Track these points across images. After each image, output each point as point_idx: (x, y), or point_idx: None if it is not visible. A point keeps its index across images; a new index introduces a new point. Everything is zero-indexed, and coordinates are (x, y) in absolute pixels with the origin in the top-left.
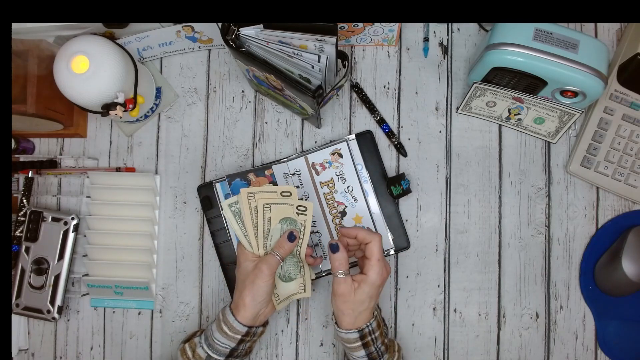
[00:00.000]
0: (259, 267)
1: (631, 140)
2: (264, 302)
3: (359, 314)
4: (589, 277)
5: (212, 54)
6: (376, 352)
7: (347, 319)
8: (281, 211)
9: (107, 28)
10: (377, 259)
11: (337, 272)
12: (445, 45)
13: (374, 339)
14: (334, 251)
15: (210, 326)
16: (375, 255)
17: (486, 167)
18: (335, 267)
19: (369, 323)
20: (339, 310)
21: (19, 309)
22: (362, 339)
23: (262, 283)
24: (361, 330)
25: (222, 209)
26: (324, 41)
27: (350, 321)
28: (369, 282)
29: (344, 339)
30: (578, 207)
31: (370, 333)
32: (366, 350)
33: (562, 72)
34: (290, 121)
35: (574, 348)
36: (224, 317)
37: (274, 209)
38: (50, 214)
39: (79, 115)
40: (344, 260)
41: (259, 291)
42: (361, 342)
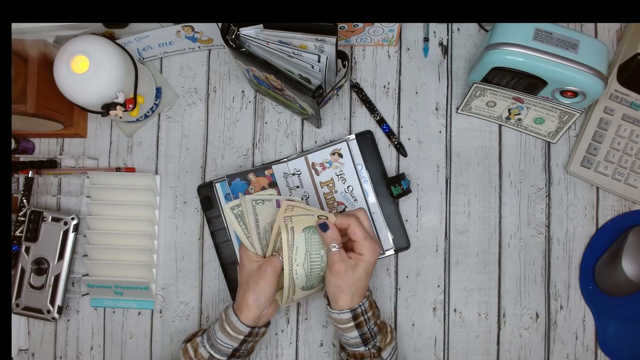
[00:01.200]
0: (263, 269)
1: (631, 140)
2: (267, 302)
3: (356, 290)
4: (589, 277)
5: (212, 54)
6: (369, 332)
7: (344, 296)
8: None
9: (107, 28)
10: (363, 237)
11: (331, 246)
12: (445, 45)
13: (367, 319)
14: (325, 229)
15: (213, 326)
16: (359, 234)
17: (486, 167)
18: (328, 243)
19: (362, 303)
20: (337, 287)
21: (19, 309)
22: (354, 319)
23: (265, 284)
24: (354, 310)
25: (224, 212)
26: (324, 41)
27: (347, 299)
28: (364, 260)
29: (337, 319)
30: (578, 207)
31: (363, 313)
32: (359, 330)
33: (562, 72)
34: (290, 121)
35: (574, 348)
36: (227, 317)
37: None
38: (50, 214)
39: (79, 115)
40: (336, 235)
41: (263, 292)
42: (354, 323)
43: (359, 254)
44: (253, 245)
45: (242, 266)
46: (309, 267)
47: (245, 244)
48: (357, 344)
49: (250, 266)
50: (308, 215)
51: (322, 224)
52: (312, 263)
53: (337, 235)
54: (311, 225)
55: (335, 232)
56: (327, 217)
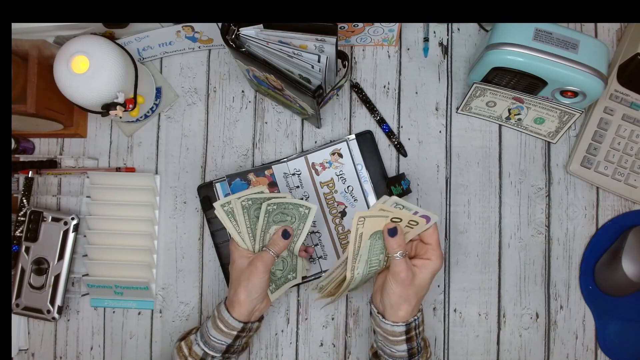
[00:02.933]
0: (254, 264)
1: (631, 140)
2: (259, 298)
3: (418, 300)
4: (589, 277)
5: (212, 54)
6: (417, 347)
7: (406, 306)
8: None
9: (107, 28)
10: (438, 242)
11: (398, 253)
12: (445, 45)
13: (418, 333)
14: (393, 235)
15: (206, 323)
16: (436, 238)
17: (486, 167)
18: (393, 249)
19: (417, 317)
20: (400, 297)
21: (19, 309)
22: (407, 332)
23: (257, 280)
24: (409, 324)
25: (215, 210)
26: (324, 41)
27: (409, 309)
28: (431, 267)
29: (389, 331)
30: (578, 207)
31: (416, 327)
32: (408, 345)
33: (562, 72)
34: (290, 121)
35: (574, 348)
36: (219, 313)
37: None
38: (50, 214)
39: (79, 115)
40: (402, 242)
41: (254, 288)
42: (406, 337)
43: (426, 259)
44: (244, 241)
45: (232, 262)
46: (367, 273)
47: (236, 239)
48: (402, 357)
49: (241, 262)
50: (382, 217)
51: (392, 229)
52: (371, 268)
53: (403, 242)
54: (378, 230)
55: (402, 238)
56: (400, 219)
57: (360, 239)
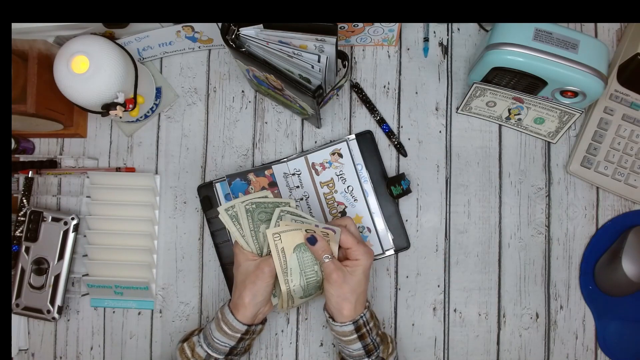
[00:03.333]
0: (261, 269)
1: (631, 140)
2: (264, 302)
3: (357, 296)
4: (589, 277)
5: (212, 54)
6: (372, 343)
7: (347, 305)
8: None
9: (107, 28)
10: (356, 243)
11: (323, 258)
12: (445, 45)
13: (369, 329)
14: (313, 243)
15: (209, 325)
16: (350, 241)
17: (486, 167)
18: (319, 255)
19: (363, 313)
20: (338, 297)
21: (19, 309)
22: (357, 330)
23: (262, 284)
24: (356, 321)
25: (219, 214)
26: (324, 41)
27: (351, 307)
28: (361, 264)
29: (340, 332)
30: (578, 207)
31: (365, 324)
32: (362, 342)
33: (562, 72)
34: (290, 121)
35: (574, 348)
36: (223, 316)
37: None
38: (50, 214)
39: (79, 115)
40: (325, 246)
41: (259, 292)
42: (357, 334)
43: (354, 260)
44: (248, 244)
45: (237, 264)
46: (305, 283)
47: (240, 243)
48: (360, 355)
49: (247, 265)
50: (296, 230)
51: (310, 238)
52: (308, 279)
53: (326, 246)
54: (300, 243)
55: (324, 243)
56: (314, 230)
57: (283, 254)
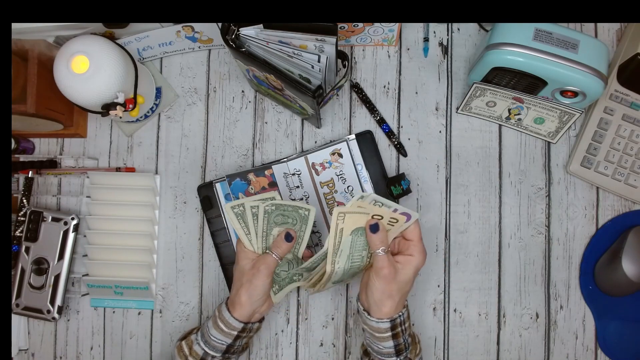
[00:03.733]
0: (257, 267)
1: (631, 140)
2: (261, 300)
3: (401, 296)
4: (589, 277)
5: (212, 54)
6: (404, 343)
7: (390, 302)
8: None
9: (107, 28)
10: (420, 238)
11: (380, 249)
12: (445, 45)
13: (404, 329)
14: (374, 231)
15: (207, 323)
16: (418, 235)
17: (486, 167)
18: (376, 246)
19: (402, 312)
20: (383, 293)
21: (19, 309)
22: (392, 329)
23: (259, 282)
24: (393, 320)
25: (224, 211)
26: (324, 41)
27: (393, 305)
28: (414, 263)
29: (374, 328)
30: (578, 207)
31: (401, 323)
32: (395, 341)
33: (562, 72)
34: (290, 121)
35: (574, 348)
36: (220, 313)
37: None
38: (50, 214)
39: (79, 115)
40: (384, 238)
41: (256, 290)
42: (391, 333)
43: (409, 255)
44: (252, 243)
45: (237, 262)
46: (350, 266)
47: (244, 241)
48: (389, 354)
49: (245, 263)
50: (362, 214)
51: (374, 225)
52: (353, 263)
53: (386, 239)
54: (360, 227)
55: (384, 234)
56: (381, 216)
57: (340, 234)
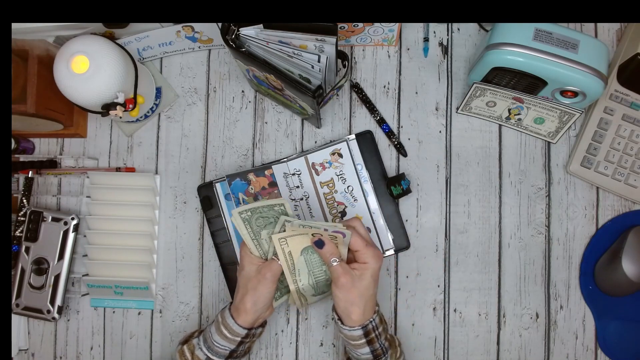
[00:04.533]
0: (263, 274)
1: (631, 140)
2: (265, 307)
3: (366, 301)
4: (589, 277)
5: (212, 54)
6: (381, 348)
7: (356, 309)
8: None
9: (107, 28)
10: (364, 245)
11: (332, 261)
12: (445, 45)
13: (378, 334)
14: (321, 246)
15: (209, 328)
16: (359, 243)
17: (486, 167)
18: (327, 259)
19: (372, 319)
20: (346, 301)
21: (19, 309)
22: (366, 335)
23: (264, 290)
24: (365, 326)
25: (232, 216)
26: (324, 41)
27: (359, 312)
28: (369, 267)
29: (348, 336)
30: (578, 207)
31: (374, 329)
32: (371, 347)
33: (562, 72)
34: (290, 121)
35: (574, 348)
36: (224, 320)
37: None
38: (50, 214)
39: (79, 115)
40: (333, 249)
41: (261, 297)
42: (365, 339)
43: (362, 263)
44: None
45: (241, 267)
46: (315, 282)
47: (249, 246)
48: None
49: (250, 269)
50: (303, 235)
51: (318, 242)
52: (317, 278)
53: (334, 249)
54: (308, 246)
55: (331, 246)
56: (321, 233)
57: (290, 256)
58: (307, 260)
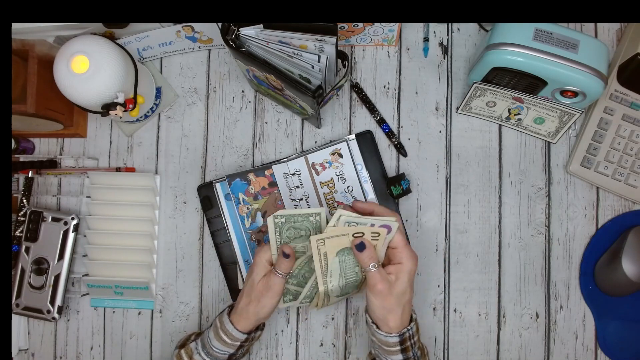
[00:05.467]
0: (270, 286)
1: (631, 140)
2: (267, 316)
3: (403, 307)
4: (589, 277)
5: (212, 54)
6: (413, 357)
7: (393, 316)
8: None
9: (107, 28)
10: (404, 244)
11: (370, 266)
12: (445, 45)
13: (413, 343)
14: (361, 249)
15: (207, 333)
16: (401, 241)
17: (486, 167)
18: (365, 263)
19: (410, 327)
20: (383, 308)
21: (19, 309)
22: (401, 343)
23: (269, 302)
24: (402, 334)
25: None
26: (324, 41)
27: (397, 318)
28: (405, 270)
29: (382, 341)
30: (578, 207)
31: (410, 337)
32: (404, 355)
33: (562, 72)
34: (290, 121)
35: (574, 348)
36: (222, 325)
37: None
38: (50, 214)
39: (79, 115)
40: (373, 254)
41: (265, 308)
42: (400, 347)
43: (398, 264)
44: None
45: (251, 270)
46: (345, 283)
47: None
48: None
49: (257, 276)
50: (341, 236)
51: (359, 244)
52: (347, 279)
53: (374, 254)
54: (345, 248)
55: (372, 251)
56: (363, 232)
57: (325, 258)
58: (341, 262)
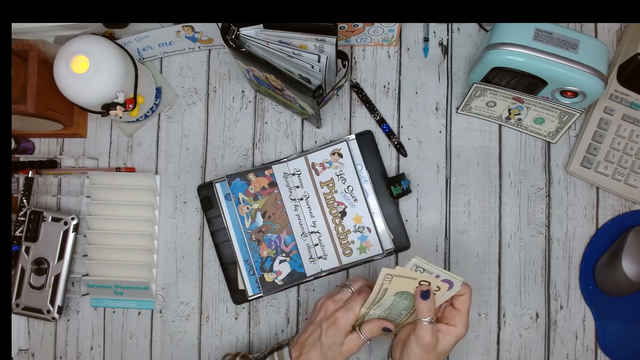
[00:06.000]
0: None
1: (631, 140)
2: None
3: None
4: (589, 277)
5: (212, 54)
6: None
7: None
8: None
9: (107, 28)
10: (467, 311)
11: (426, 319)
12: (445, 45)
13: None
14: (425, 298)
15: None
16: (467, 308)
17: (486, 167)
18: (423, 314)
19: None
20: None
21: (19, 309)
22: None
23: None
24: None
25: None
26: (324, 41)
27: None
28: (455, 334)
29: None
30: (578, 207)
31: None
32: None
33: (562, 72)
34: (290, 121)
35: (574, 348)
36: None
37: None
38: (50, 214)
39: (79, 115)
40: (433, 307)
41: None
42: None
43: (452, 326)
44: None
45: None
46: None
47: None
48: None
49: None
50: (409, 279)
51: (425, 292)
52: (388, 316)
53: (434, 307)
54: (405, 291)
55: (432, 303)
56: (429, 282)
57: (384, 293)
58: (394, 302)
